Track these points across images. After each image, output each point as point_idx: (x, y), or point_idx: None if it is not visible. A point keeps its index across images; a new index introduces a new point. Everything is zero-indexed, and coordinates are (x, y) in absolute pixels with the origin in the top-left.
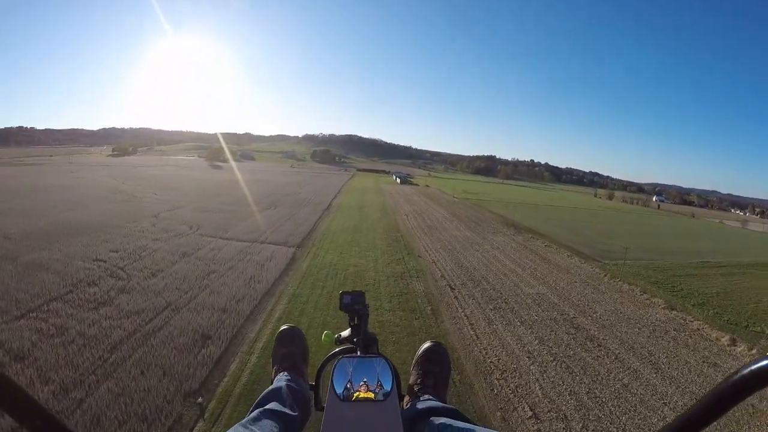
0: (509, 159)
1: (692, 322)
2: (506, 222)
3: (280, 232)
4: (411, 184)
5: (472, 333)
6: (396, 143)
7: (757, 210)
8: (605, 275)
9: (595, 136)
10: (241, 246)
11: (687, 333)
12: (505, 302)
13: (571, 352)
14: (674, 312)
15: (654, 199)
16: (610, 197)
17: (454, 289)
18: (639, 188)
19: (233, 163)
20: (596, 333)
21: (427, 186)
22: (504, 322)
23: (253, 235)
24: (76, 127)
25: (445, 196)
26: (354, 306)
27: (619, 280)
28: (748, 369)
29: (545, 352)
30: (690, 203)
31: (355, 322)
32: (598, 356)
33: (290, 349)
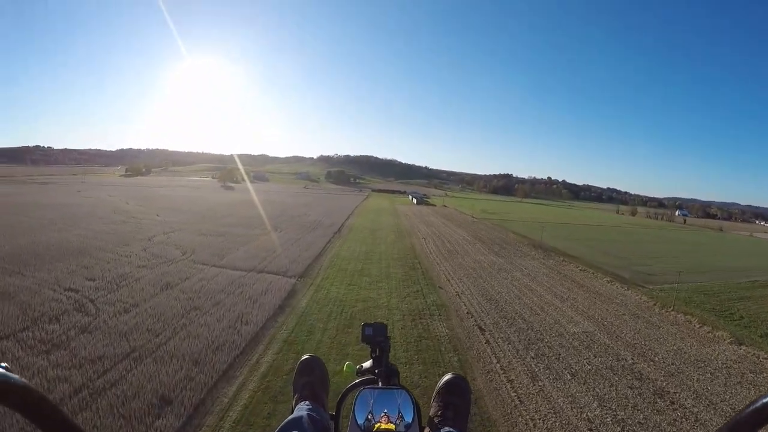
0: (526, 177)
1: (767, 359)
2: (533, 244)
3: (282, 259)
4: (427, 204)
5: (512, 395)
6: (412, 163)
7: None
8: (654, 304)
9: (610, 152)
10: (235, 276)
11: (766, 375)
12: (548, 346)
13: (641, 416)
14: (743, 347)
15: (677, 213)
16: (633, 213)
17: (485, 330)
18: (659, 203)
19: (245, 184)
20: (664, 384)
21: (445, 206)
22: (551, 376)
23: (251, 262)
24: (93, 148)
25: (463, 217)
26: (376, 338)
27: (672, 310)
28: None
29: (609, 418)
30: (713, 216)
31: (377, 353)
32: (674, 420)
33: (311, 379)
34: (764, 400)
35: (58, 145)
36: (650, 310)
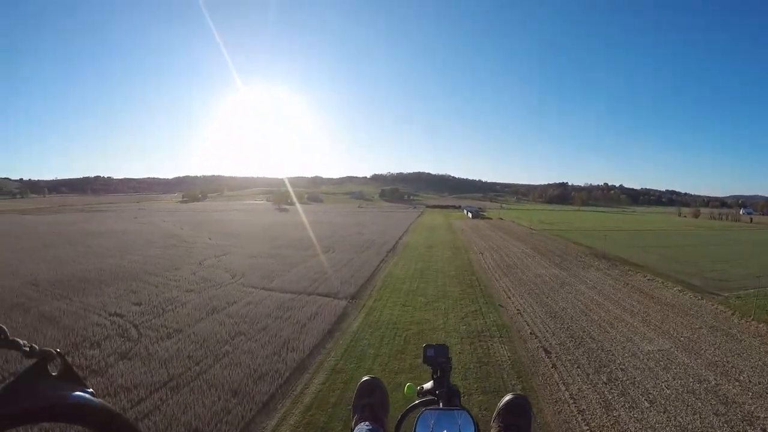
0: (582, 185)
1: None
2: (595, 254)
3: (334, 280)
4: (483, 217)
5: (585, 428)
6: (465, 177)
7: None
8: (733, 314)
9: (667, 153)
10: (284, 299)
11: None
12: (621, 369)
13: None
14: None
15: (741, 212)
16: (696, 215)
17: (551, 352)
18: (722, 203)
19: (299, 206)
20: (753, 408)
21: (501, 219)
22: (626, 404)
23: (301, 284)
24: (151, 176)
25: (521, 229)
26: (437, 359)
27: (753, 319)
28: None
29: None
30: None
31: (438, 374)
32: None
33: (371, 400)
34: None
35: (117, 175)
36: (728, 321)
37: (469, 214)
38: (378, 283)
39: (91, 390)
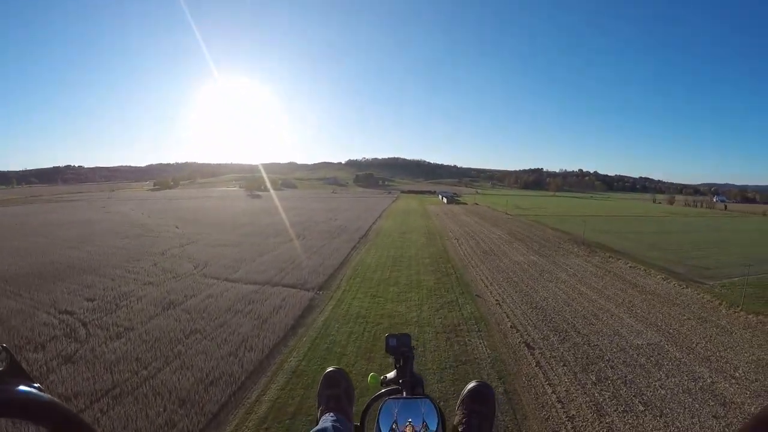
0: (557, 170)
1: None
2: (574, 240)
3: (302, 270)
4: (458, 203)
5: None
6: (440, 163)
7: None
8: (720, 303)
9: (640, 141)
10: (247, 291)
11: None
12: (611, 366)
13: None
14: None
15: (714, 199)
16: (671, 202)
17: (533, 348)
18: (695, 190)
19: (272, 192)
20: (752, 408)
21: (476, 204)
22: (620, 408)
23: (266, 274)
24: (123, 165)
25: (497, 214)
26: (400, 348)
27: (741, 310)
28: None
29: None
30: (752, 200)
31: (401, 363)
32: None
33: (336, 391)
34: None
35: (88, 164)
36: (716, 311)
37: (444, 200)
38: (348, 272)
39: (38, 385)
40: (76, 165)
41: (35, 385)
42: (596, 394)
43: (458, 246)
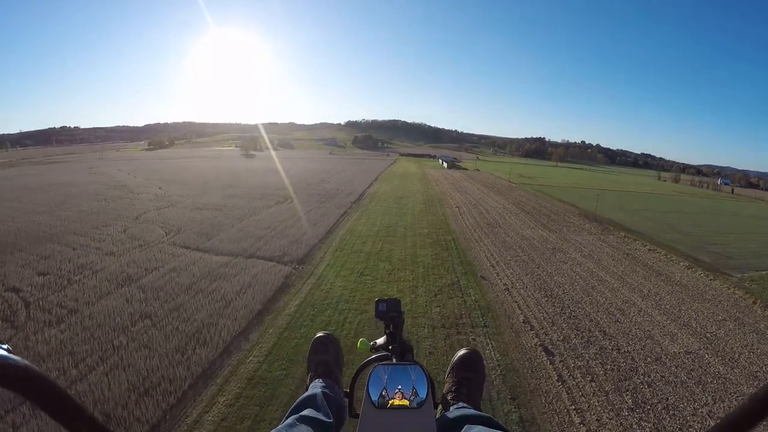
0: (559, 141)
1: None
2: (584, 214)
3: (282, 239)
4: (459, 168)
5: None
6: (441, 127)
7: None
8: (753, 302)
9: (643, 116)
10: (217, 263)
11: None
12: (648, 383)
13: None
14: None
15: (719, 182)
16: (676, 180)
17: (553, 355)
18: (698, 170)
19: (268, 152)
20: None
21: (477, 170)
22: None
23: (242, 243)
24: (120, 125)
25: (500, 182)
26: (389, 313)
27: None
28: None
29: None
30: (755, 186)
31: (391, 329)
32: None
33: (325, 357)
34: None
35: (85, 125)
36: (751, 311)
37: (445, 164)
38: (335, 242)
39: (7, 346)
40: (72, 126)
41: (4, 346)
42: (635, 426)
43: (460, 216)
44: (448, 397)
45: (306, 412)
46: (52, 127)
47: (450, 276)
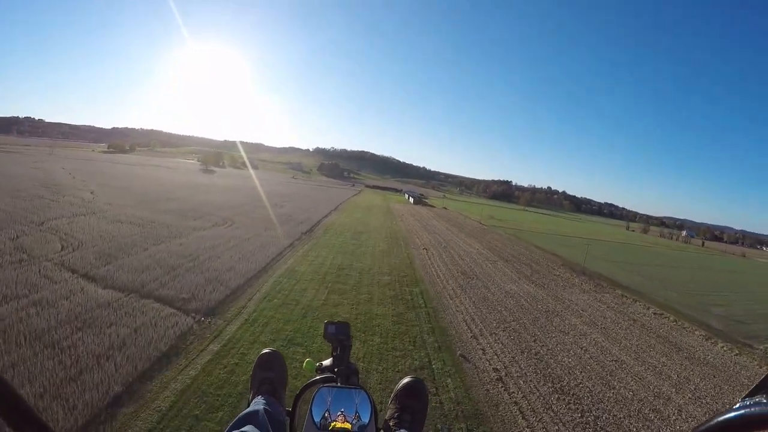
0: (525, 185)
1: None
2: (569, 266)
3: (200, 273)
4: (426, 204)
5: None
6: (410, 162)
7: None
8: None
9: (605, 167)
10: (100, 300)
11: None
12: None
13: None
14: None
15: (684, 233)
16: (645, 231)
17: None
18: (661, 222)
19: (230, 170)
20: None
21: (445, 208)
22: None
23: (146, 275)
24: (88, 124)
25: (469, 222)
26: (338, 336)
27: None
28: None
29: None
30: (719, 239)
31: (338, 352)
32: None
33: (269, 374)
34: (717, 420)
35: (50, 119)
36: None
37: (411, 199)
38: (266, 286)
39: None
40: (36, 118)
41: None
42: None
43: (428, 260)
44: (390, 423)
45: (246, 428)
46: (16, 116)
47: (418, 353)
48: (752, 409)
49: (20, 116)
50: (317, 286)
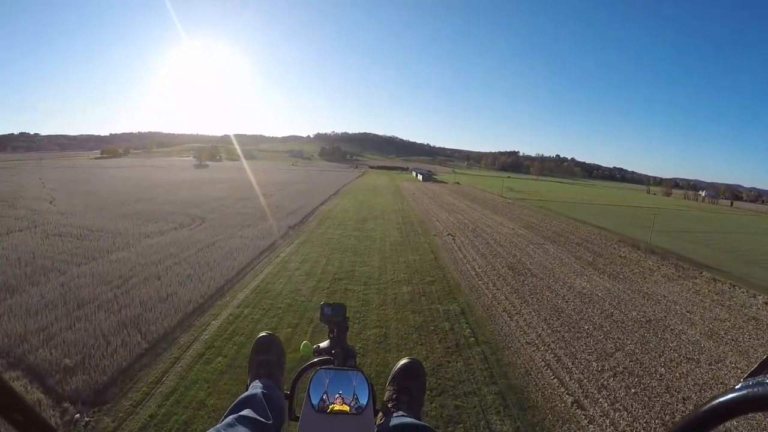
0: (533, 154)
1: None
2: (629, 243)
3: (120, 309)
4: (436, 181)
5: None
6: (413, 140)
7: None
8: None
9: (611, 130)
10: None
11: None
12: None
13: None
14: None
15: (703, 194)
16: (668, 194)
17: None
18: (675, 183)
19: (224, 163)
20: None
21: (457, 183)
22: None
23: (43, 317)
24: (86, 133)
25: (488, 196)
26: (334, 318)
27: None
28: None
29: None
30: (740, 198)
31: (334, 333)
32: None
33: (267, 357)
34: (719, 401)
35: (47, 132)
36: None
37: (420, 176)
38: (209, 330)
39: None
40: (32, 133)
41: None
42: None
43: (458, 251)
44: (389, 405)
45: (245, 412)
46: (12, 133)
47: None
48: (755, 389)
49: (15, 133)
50: (296, 319)
